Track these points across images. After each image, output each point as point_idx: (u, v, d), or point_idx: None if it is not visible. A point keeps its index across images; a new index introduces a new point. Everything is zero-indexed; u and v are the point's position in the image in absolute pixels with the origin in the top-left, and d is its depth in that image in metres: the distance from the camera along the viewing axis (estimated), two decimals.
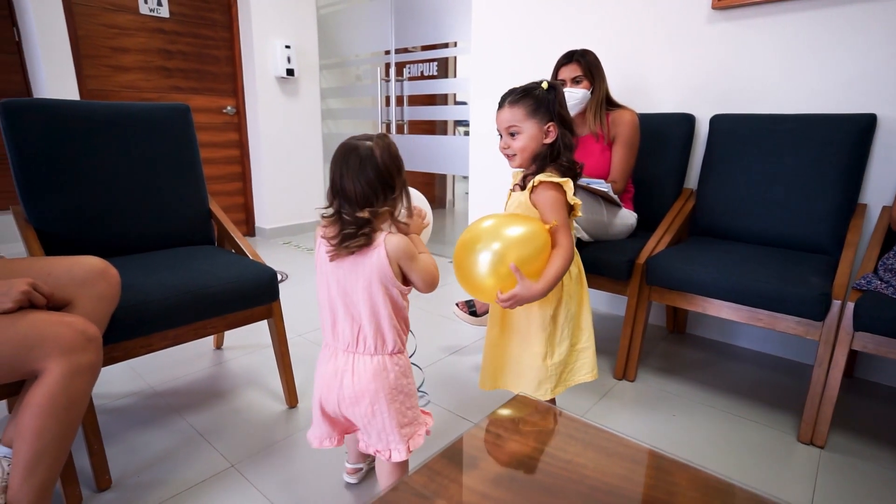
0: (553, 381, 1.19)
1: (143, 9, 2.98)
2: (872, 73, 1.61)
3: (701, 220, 1.87)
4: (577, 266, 1.21)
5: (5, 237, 1.27)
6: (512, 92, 1.15)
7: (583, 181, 1.64)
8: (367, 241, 0.87)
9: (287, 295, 2.16)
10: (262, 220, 3.68)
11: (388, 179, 0.87)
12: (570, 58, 1.76)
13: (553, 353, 1.18)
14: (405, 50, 3.30)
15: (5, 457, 0.92)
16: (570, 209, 1.12)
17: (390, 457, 0.93)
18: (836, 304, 1.32)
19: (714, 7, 1.83)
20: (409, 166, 3.41)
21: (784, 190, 1.69)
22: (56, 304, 0.98)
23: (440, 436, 1.35)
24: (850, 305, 1.29)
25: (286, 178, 3.69)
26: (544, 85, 1.12)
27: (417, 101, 3.34)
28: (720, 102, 1.90)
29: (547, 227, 1.07)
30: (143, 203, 1.51)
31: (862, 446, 1.37)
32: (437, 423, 1.44)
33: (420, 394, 1.25)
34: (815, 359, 1.36)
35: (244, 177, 3.61)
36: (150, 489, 1.16)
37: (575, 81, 1.76)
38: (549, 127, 1.11)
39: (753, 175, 1.75)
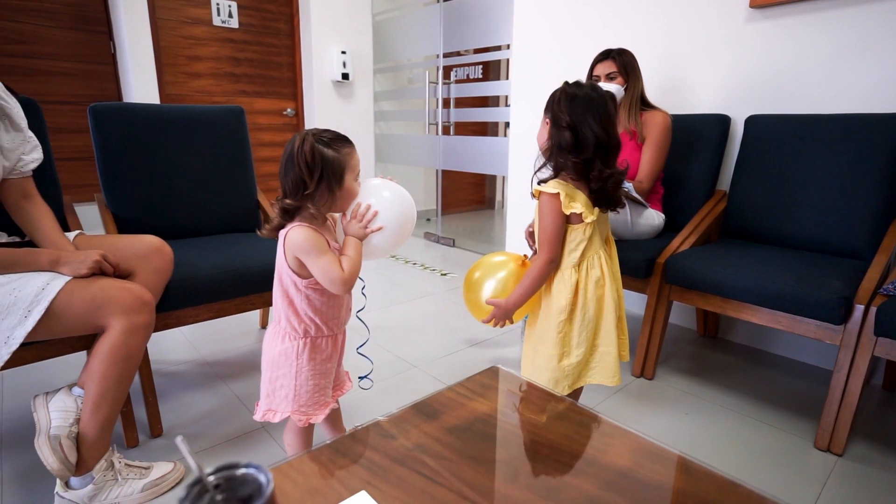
0: (570, 380, 1.21)
1: (216, 21, 3.30)
2: None
3: (732, 222, 1.84)
4: (601, 270, 1.19)
5: (92, 225, 1.50)
6: None
7: None
8: (276, 228, 0.97)
9: None
10: None
11: (301, 176, 0.91)
12: (606, 55, 1.79)
13: (570, 355, 1.21)
14: (457, 53, 3.42)
15: (79, 396, 1.12)
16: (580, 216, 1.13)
17: (255, 411, 1.05)
18: (859, 308, 1.28)
19: (752, 6, 1.80)
20: (453, 166, 3.55)
21: (819, 192, 1.63)
22: (121, 274, 1.17)
23: None
24: (874, 310, 1.25)
25: None
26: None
27: (469, 103, 3.43)
28: (758, 103, 1.86)
29: (519, 262, 1.26)
30: (200, 193, 1.72)
31: (886, 458, 1.32)
32: None
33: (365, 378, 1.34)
34: (835, 364, 1.33)
35: None
36: (193, 439, 1.33)
37: (609, 78, 1.78)
38: (547, 122, 1.15)
39: (787, 176, 1.70)
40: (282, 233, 0.96)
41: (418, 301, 2.43)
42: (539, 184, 1.16)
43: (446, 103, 3.43)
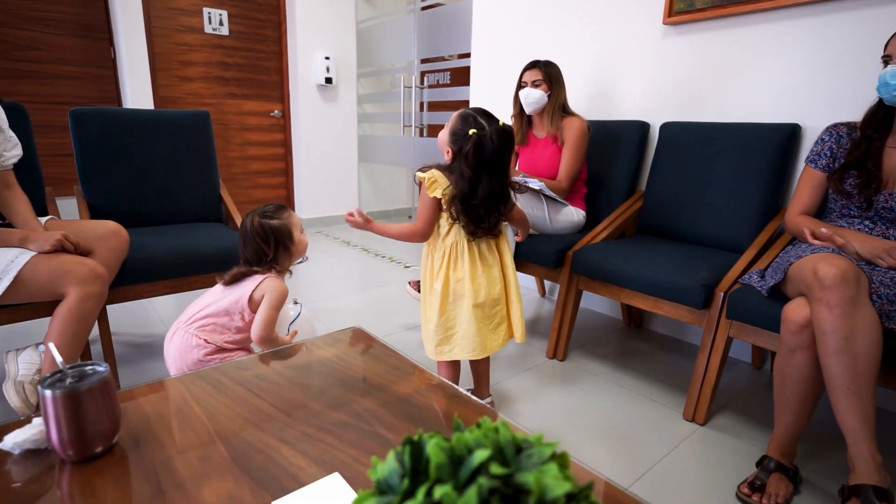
0: (431, 346, 1.40)
1: (208, 28, 3.55)
2: (800, 86, 1.70)
3: (645, 219, 2.02)
4: (466, 271, 1.34)
5: (73, 214, 1.75)
6: None
7: (519, 179, 1.87)
8: (239, 277, 1.23)
9: (304, 273, 2.77)
10: (301, 210, 4.17)
11: (260, 247, 1.20)
12: (534, 64, 2.00)
13: (430, 320, 1.39)
14: (442, 58, 3.61)
15: (43, 352, 1.35)
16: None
17: None
18: (720, 295, 1.46)
19: (665, 23, 1.98)
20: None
21: (715, 193, 1.81)
22: (82, 252, 1.40)
23: None
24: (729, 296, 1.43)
25: (324, 174, 4.15)
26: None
27: (449, 107, 3.60)
28: (673, 110, 2.04)
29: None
30: (167, 187, 1.96)
31: (743, 427, 1.49)
32: None
33: None
34: (700, 344, 1.51)
35: (287, 172, 4.12)
36: None
37: (535, 84, 1.98)
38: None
39: (691, 178, 1.88)
40: (258, 277, 1.21)
41: (375, 289, 2.64)
42: (421, 171, 1.37)
43: (421, 107, 3.64)
